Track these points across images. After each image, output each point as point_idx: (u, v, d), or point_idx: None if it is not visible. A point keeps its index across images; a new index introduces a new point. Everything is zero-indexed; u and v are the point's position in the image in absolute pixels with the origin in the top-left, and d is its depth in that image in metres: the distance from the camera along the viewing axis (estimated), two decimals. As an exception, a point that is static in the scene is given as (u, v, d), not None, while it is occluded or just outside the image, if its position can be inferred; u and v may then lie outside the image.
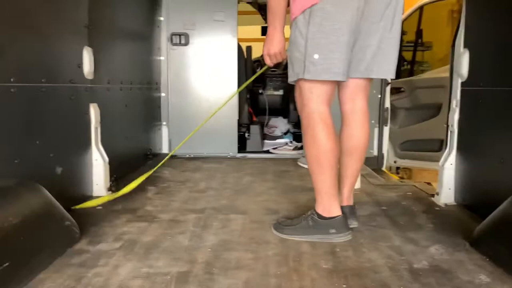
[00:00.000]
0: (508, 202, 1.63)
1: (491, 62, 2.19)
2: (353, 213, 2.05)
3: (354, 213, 2.06)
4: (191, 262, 1.65)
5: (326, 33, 1.75)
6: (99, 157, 2.56)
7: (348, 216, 1.99)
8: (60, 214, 1.74)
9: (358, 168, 2.03)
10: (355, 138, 1.98)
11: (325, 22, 1.75)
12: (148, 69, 3.80)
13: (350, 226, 1.97)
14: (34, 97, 1.96)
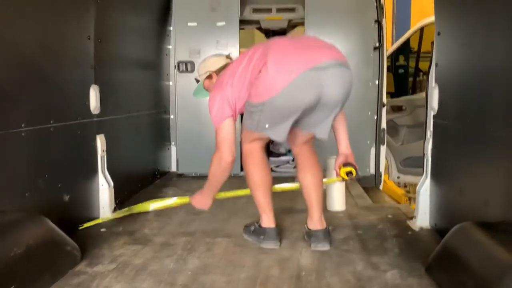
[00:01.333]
0: (450, 234, 1.82)
1: (455, 98, 2.37)
2: (326, 236, 2.30)
3: (327, 236, 2.31)
4: (171, 284, 1.90)
5: (276, 117, 2.12)
6: (104, 183, 2.86)
7: (321, 239, 2.28)
8: (62, 240, 2.03)
9: (317, 196, 2.35)
10: (308, 177, 2.34)
11: (277, 112, 2.09)
12: (157, 94, 4.12)
13: (322, 248, 2.25)
14: (43, 137, 2.26)
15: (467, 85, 2.24)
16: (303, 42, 2.19)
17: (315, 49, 2.09)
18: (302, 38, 2.20)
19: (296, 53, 2.06)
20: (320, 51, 2.09)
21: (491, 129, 1.92)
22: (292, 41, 2.17)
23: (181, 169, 4.27)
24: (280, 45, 2.13)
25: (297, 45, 2.12)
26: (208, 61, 2.48)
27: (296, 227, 2.63)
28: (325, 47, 2.14)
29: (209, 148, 4.29)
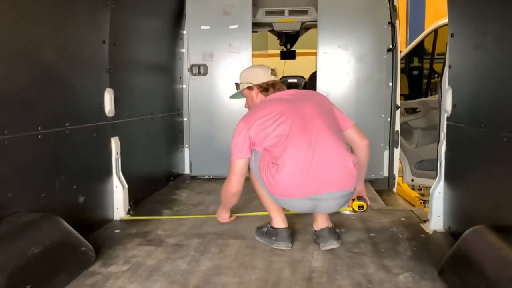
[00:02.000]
0: (463, 237, 1.80)
1: (468, 101, 2.35)
2: (331, 234, 2.34)
3: (332, 233, 2.35)
4: (184, 285, 1.92)
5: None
6: (119, 184, 2.90)
7: (327, 237, 2.33)
8: (77, 241, 2.07)
9: None
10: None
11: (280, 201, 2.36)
12: (170, 97, 4.16)
13: (330, 246, 2.30)
14: (59, 139, 2.30)
15: (481, 87, 2.22)
16: (318, 155, 2.20)
17: (324, 175, 2.19)
18: (322, 140, 2.24)
19: (306, 175, 2.18)
20: (329, 178, 2.19)
21: (505, 131, 1.90)
22: (308, 145, 2.21)
23: (194, 171, 4.30)
24: (296, 146, 2.21)
25: (312, 158, 2.19)
26: (253, 71, 2.58)
27: (308, 229, 2.63)
28: (338, 169, 2.20)
29: (222, 151, 4.35)
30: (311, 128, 2.23)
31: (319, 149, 2.19)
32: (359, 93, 4.02)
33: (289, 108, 2.32)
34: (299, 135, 2.22)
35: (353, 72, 4.03)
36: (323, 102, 2.46)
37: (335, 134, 2.27)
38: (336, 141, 2.24)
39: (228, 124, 4.25)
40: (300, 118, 2.27)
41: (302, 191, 2.21)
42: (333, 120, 2.37)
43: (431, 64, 6.73)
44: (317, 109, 2.32)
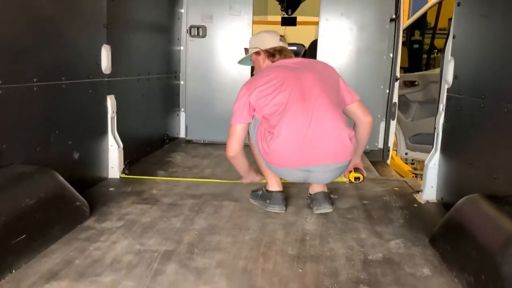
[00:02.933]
0: (457, 205, 1.82)
1: (470, 72, 2.33)
2: (325, 198, 2.37)
3: (326, 198, 2.38)
4: (178, 242, 1.93)
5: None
6: (114, 143, 2.88)
7: (321, 201, 2.36)
8: (72, 196, 2.06)
9: None
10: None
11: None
12: (168, 59, 4.09)
13: (323, 210, 2.34)
14: (54, 93, 2.26)
15: (484, 58, 2.19)
16: (314, 124, 2.18)
17: (319, 147, 2.18)
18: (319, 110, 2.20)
19: (300, 146, 2.18)
20: (324, 150, 2.18)
21: (505, 102, 1.89)
22: (305, 115, 2.19)
23: (190, 136, 4.28)
24: (293, 116, 2.19)
25: (307, 129, 2.17)
26: (261, 36, 2.51)
27: (302, 195, 2.65)
28: (333, 142, 2.19)
29: (218, 116, 4.34)
30: (310, 99, 2.21)
31: (316, 120, 2.17)
32: (359, 62, 3.98)
33: (291, 77, 2.28)
34: (297, 105, 2.20)
35: (354, 41, 3.97)
36: (328, 73, 2.39)
37: (334, 106, 2.23)
38: (334, 114, 2.21)
39: (226, 89, 4.23)
40: (300, 89, 2.23)
41: (296, 162, 2.22)
42: (336, 92, 2.32)
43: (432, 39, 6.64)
44: (319, 80, 2.28)
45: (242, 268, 1.71)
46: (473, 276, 1.52)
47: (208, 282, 1.59)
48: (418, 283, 1.63)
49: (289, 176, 2.36)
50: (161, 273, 1.64)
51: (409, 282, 1.63)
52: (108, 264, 1.71)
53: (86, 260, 1.73)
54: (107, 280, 1.58)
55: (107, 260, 1.73)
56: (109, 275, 1.62)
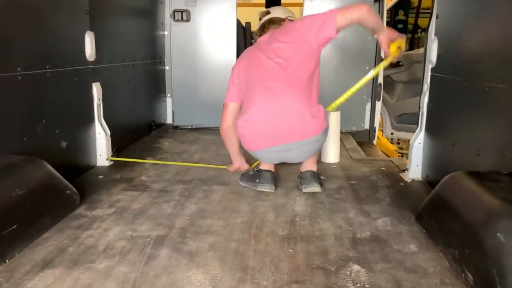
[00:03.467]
0: (441, 182, 1.87)
1: (453, 51, 2.36)
2: (313, 177, 2.42)
3: (314, 177, 2.42)
4: (170, 227, 1.96)
5: None
6: (101, 131, 2.87)
7: (309, 179, 2.42)
8: (62, 185, 2.06)
9: None
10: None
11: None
12: (152, 44, 4.05)
13: (311, 189, 2.40)
14: (39, 82, 2.24)
15: (467, 37, 2.23)
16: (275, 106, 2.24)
17: (284, 127, 2.23)
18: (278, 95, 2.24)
19: (266, 127, 2.26)
20: (289, 129, 2.23)
21: (488, 82, 1.93)
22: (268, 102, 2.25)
23: (177, 121, 4.27)
24: (257, 99, 2.28)
25: (270, 111, 2.25)
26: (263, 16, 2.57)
27: (291, 177, 2.69)
28: (296, 120, 2.22)
29: (205, 100, 4.34)
30: (271, 81, 2.25)
31: (276, 101, 2.22)
32: (345, 44, 4.00)
33: (257, 58, 2.35)
34: (259, 89, 2.27)
35: (339, 23, 3.97)
36: (294, 41, 2.29)
37: (294, 85, 2.24)
38: (294, 93, 2.23)
39: (212, 73, 4.21)
40: (262, 72, 2.29)
41: (266, 143, 2.29)
42: (301, 62, 2.26)
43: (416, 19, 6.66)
44: (281, 58, 2.27)
45: (234, 250, 1.74)
46: (458, 250, 1.57)
47: (201, 265, 1.62)
48: (405, 259, 1.68)
49: (267, 159, 2.43)
50: (154, 258, 1.67)
51: (396, 258, 1.69)
52: (101, 250, 1.72)
53: (79, 247, 1.75)
54: (101, 267, 1.60)
55: (100, 247, 1.75)
56: (103, 261, 1.64)
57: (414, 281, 1.52)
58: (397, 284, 1.50)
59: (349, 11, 2.24)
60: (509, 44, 1.82)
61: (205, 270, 1.58)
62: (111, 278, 1.52)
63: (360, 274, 1.57)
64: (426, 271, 1.59)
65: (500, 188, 1.57)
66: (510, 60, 1.80)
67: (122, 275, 1.54)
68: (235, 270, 1.58)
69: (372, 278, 1.54)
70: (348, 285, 1.49)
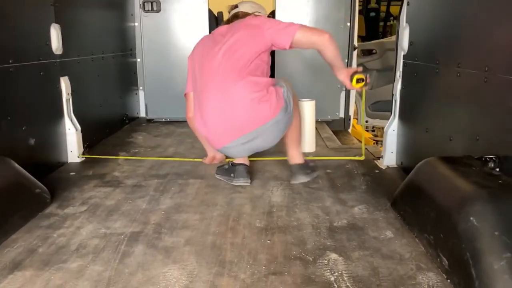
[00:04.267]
0: (415, 169, 1.88)
1: (425, 38, 2.38)
2: (300, 170, 2.42)
3: (302, 169, 2.42)
4: (145, 223, 1.92)
5: None
6: (71, 126, 2.79)
7: (297, 172, 2.41)
8: (30, 183, 1.99)
9: (289, 137, 2.42)
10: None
11: None
12: (122, 36, 3.94)
13: (296, 181, 2.39)
14: (3, 77, 2.15)
15: (437, 24, 2.24)
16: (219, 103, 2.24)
17: (236, 119, 2.21)
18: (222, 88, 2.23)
19: (220, 123, 2.26)
20: (243, 120, 2.21)
21: (459, 68, 1.95)
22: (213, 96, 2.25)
23: (150, 115, 4.19)
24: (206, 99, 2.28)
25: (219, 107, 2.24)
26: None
27: (268, 168, 2.68)
28: (245, 109, 2.19)
29: (179, 93, 4.23)
30: (217, 76, 2.24)
31: (224, 96, 2.21)
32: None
33: (208, 50, 2.32)
34: (208, 85, 2.26)
35: (312, 12, 3.96)
36: (249, 34, 2.26)
37: (240, 76, 2.20)
38: (241, 84, 2.19)
39: (184, 65, 4.09)
40: (211, 66, 2.27)
41: (226, 139, 2.27)
42: (249, 55, 2.22)
43: (388, 6, 6.71)
44: (226, 51, 2.24)
45: (211, 244, 1.72)
46: (433, 235, 1.59)
47: (178, 260, 1.59)
48: (382, 246, 1.69)
49: (234, 154, 2.40)
50: (129, 255, 1.63)
51: (373, 245, 1.69)
52: (73, 250, 1.67)
53: (50, 247, 1.69)
54: (73, 266, 1.55)
55: (72, 246, 1.70)
56: (76, 260, 1.59)
57: (391, 267, 1.54)
58: (374, 271, 1.51)
59: (311, 31, 2.24)
60: (479, 29, 1.83)
61: (181, 266, 1.55)
62: (84, 278, 1.48)
63: (338, 263, 1.57)
64: (402, 257, 1.61)
65: (472, 173, 1.59)
66: (480, 46, 1.82)
67: (96, 274, 1.50)
68: (212, 264, 1.56)
69: (350, 266, 1.54)
70: (326, 274, 1.49)
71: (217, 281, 1.45)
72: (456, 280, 1.40)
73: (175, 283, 1.45)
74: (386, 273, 1.50)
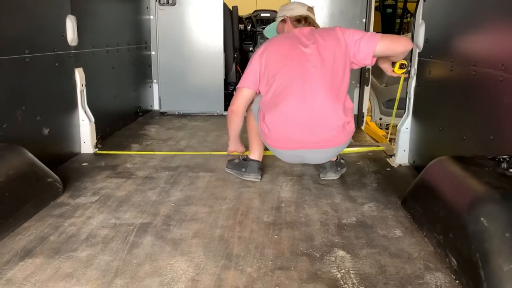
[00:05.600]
0: (427, 167, 1.86)
1: (440, 35, 2.34)
2: (331, 168, 2.42)
3: (333, 167, 2.43)
4: (154, 215, 1.93)
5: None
6: (85, 118, 2.82)
7: (329, 169, 2.42)
8: (43, 173, 2.02)
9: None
10: None
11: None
12: (137, 29, 3.96)
13: (327, 178, 2.41)
14: (19, 67, 2.18)
15: (453, 21, 2.20)
16: (306, 110, 2.15)
17: (312, 133, 2.16)
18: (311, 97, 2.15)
19: (295, 130, 2.17)
20: (317, 136, 2.16)
21: (473, 66, 1.92)
22: (299, 104, 2.15)
23: (164, 108, 4.22)
24: (291, 98, 2.15)
25: (305, 113, 2.14)
26: (291, 5, 2.47)
27: (278, 163, 2.67)
28: (327, 128, 2.16)
29: (192, 86, 4.29)
30: (310, 82, 2.14)
31: (311, 105, 2.13)
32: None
33: (297, 52, 2.20)
34: (296, 87, 2.15)
35: (327, 7, 3.93)
36: (335, 46, 2.20)
37: (331, 92, 2.14)
38: (331, 98, 2.13)
39: (199, 59, 4.16)
40: (301, 69, 2.16)
41: (290, 145, 2.22)
42: (340, 71, 2.19)
43: (405, 3, 6.63)
44: (321, 61, 2.16)
45: (218, 237, 1.72)
46: (442, 235, 1.57)
47: (185, 253, 1.60)
48: (390, 244, 1.68)
49: (285, 157, 2.38)
50: (138, 246, 1.65)
51: (382, 244, 1.68)
52: (83, 239, 1.70)
53: (60, 236, 1.72)
54: (83, 255, 1.57)
55: (82, 236, 1.72)
56: (85, 250, 1.61)
57: (398, 266, 1.52)
58: (381, 269, 1.50)
59: (395, 41, 2.22)
60: (496, 27, 1.80)
61: (188, 258, 1.56)
62: (93, 267, 1.50)
63: (345, 260, 1.56)
64: (410, 256, 1.59)
65: (485, 173, 1.56)
66: (496, 44, 1.78)
67: (104, 264, 1.52)
68: (219, 257, 1.57)
69: (357, 263, 1.54)
70: (332, 271, 1.49)
71: (223, 274, 1.46)
72: (465, 281, 1.39)
73: (181, 274, 1.46)
74: (393, 272, 1.49)
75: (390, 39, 2.22)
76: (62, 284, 1.40)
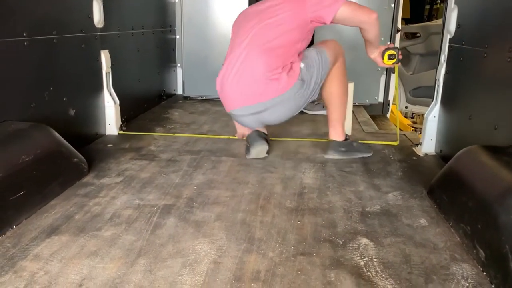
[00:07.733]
0: (456, 156, 1.81)
1: (474, 21, 2.25)
2: (333, 147, 2.48)
3: (335, 147, 2.48)
4: (177, 197, 1.94)
5: None
6: (110, 100, 2.84)
7: (329, 147, 2.50)
8: (69, 152, 2.05)
9: (331, 114, 2.50)
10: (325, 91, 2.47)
11: None
12: (162, 12, 3.96)
13: (329, 156, 2.48)
14: (46, 48, 2.20)
15: (488, 6, 2.12)
16: (241, 69, 2.29)
17: (246, 87, 2.27)
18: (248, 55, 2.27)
19: (234, 86, 2.31)
20: (253, 89, 2.25)
21: (509, 52, 1.84)
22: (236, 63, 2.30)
23: (187, 92, 4.22)
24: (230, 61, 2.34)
25: (236, 72, 2.30)
26: None
27: (301, 150, 2.65)
28: (254, 83, 2.24)
29: (216, 71, 4.24)
30: (245, 41, 2.27)
31: (243, 61, 2.25)
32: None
33: (248, 16, 2.37)
34: (234, 46, 2.32)
35: (355, -9, 3.84)
36: (291, 6, 2.24)
37: (267, 49, 2.22)
38: (264, 56, 2.21)
39: (223, 43, 4.10)
40: (243, 31, 2.31)
41: (238, 102, 2.31)
42: (291, 26, 2.22)
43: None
44: (262, 20, 2.27)
45: (241, 221, 1.72)
46: (470, 225, 1.53)
47: (208, 235, 1.60)
48: (415, 233, 1.65)
49: (243, 122, 2.44)
50: (161, 227, 1.66)
51: (406, 233, 1.65)
52: (107, 218, 1.72)
53: (85, 215, 1.74)
54: (107, 234, 1.60)
55: (107, 215, 1.75)
56: (109, 229, 1.63)
57: (423, 255, 1.49)
58: (405, 258, 1.47)
59: (360, 9, 2.24)
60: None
61: (211, 240, 1.57)
62: (117, 246, 1.52)
63: (368, 248, 1.54)
64: (436, 246, 1.56)
65: (517, 163, 1.51)
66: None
67: (128, 243, 1.53)
68: (241, 241, 1.57)
69: (381, 252, 1.51)
70: (355, 259, 1.47)
71: (245, 257, 1.46)
72: (493, 273, 1.35)
73: (204, 256, 1.46)
74: (418, 261, 1.46)
75: (355, 5, 2.25)
76: (86, 261, 1.42)
